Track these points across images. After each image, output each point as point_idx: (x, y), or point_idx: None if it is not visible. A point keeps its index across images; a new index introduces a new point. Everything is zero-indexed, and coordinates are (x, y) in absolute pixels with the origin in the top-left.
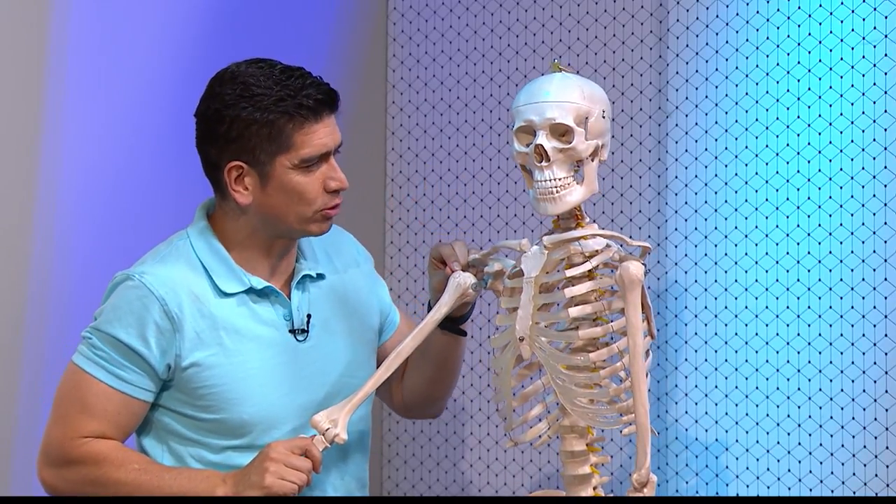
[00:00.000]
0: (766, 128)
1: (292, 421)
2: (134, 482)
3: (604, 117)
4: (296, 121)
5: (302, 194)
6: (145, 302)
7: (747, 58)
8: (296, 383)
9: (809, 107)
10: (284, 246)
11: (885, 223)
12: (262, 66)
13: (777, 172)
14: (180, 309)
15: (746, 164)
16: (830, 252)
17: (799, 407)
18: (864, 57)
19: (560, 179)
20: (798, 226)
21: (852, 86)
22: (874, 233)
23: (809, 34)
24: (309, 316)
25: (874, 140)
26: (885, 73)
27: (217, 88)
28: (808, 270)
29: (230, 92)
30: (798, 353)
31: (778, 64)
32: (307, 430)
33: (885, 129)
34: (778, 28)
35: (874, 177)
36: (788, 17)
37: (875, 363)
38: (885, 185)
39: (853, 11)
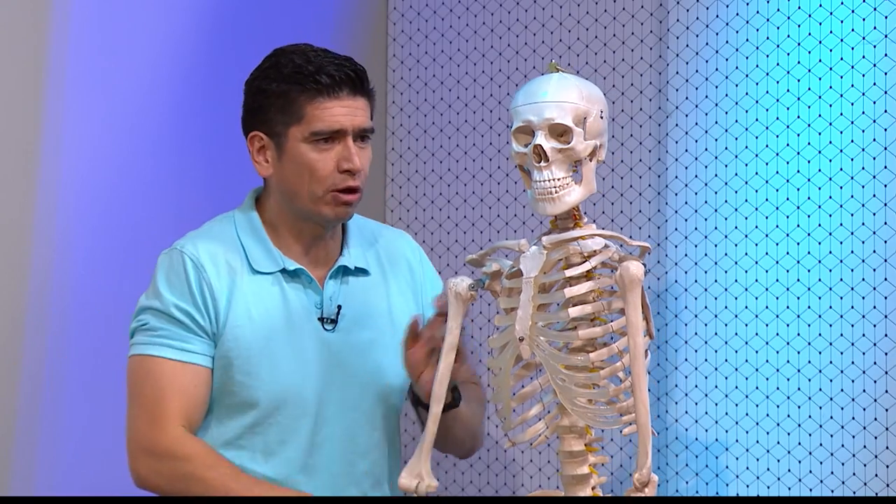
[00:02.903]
0: (766, 128)
1: (307, 407)
2: (222, 486)
3: (602, 117)
4: (308, 93)
5: (313, 170)
6: (187, 268)
7: (747, 58)
8: (316, 371)
9: (809, 107)
10: (313, 231)
11: (885, 223)
12: (306, 47)
13: (777, 172)
14: (218, 278)
15: (746, 164)
16: (830, 252)
17: (799, 407)
18: (864, 57)
19: (559, 179)
20: (798, 226)
21: (852, 86)
22: (874, 233)
23: (809, 34)
24: (339, 307)
25: (874, 140)
26: (885, 73)
27: (259, 64)
28: (808, 270)
29: (263, 66)
30: (798, 353)
31: (778, 64)
32: (324, 419)
33: (885, 129)
34: (778, 28)
35: (874, 177)
36: (788, 17)
37: (875, 363)
38: (885, 185)
39: (853, 11)
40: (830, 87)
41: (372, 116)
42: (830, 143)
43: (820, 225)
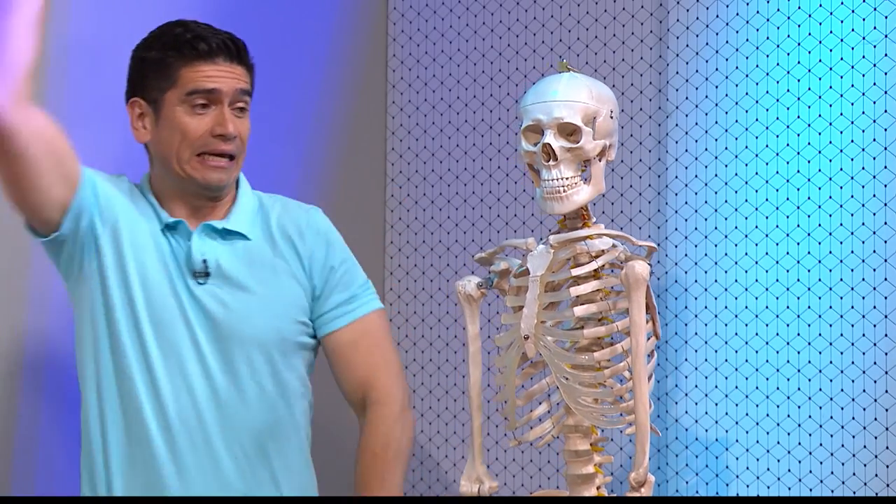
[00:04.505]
0: (766, 128)
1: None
2: None
3: (612, 117)
4: (185, 58)
5: (185, 133)
6: (104, 176)
7: (747, 58)
8: (182, 321)
9: (809, 107)
10: (194, 201)
11: (885, 223)
12: (190, 20)
13: (777, 172)
14: (121, 206)
15: (746, 164)
16: (830, 252)
17: (799, 407)
18: (864, 57)
19: (567, 179)
20: (798, 226)
21: (852, 86)
22: (874, 233)
23: (809, 34)
24: (205, 261)
25: (874, 140)
26: (885, 73)
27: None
28: (808, 270)
29: (146, 37)
30: (798, 353)
31: (778, 64)
32: (202, 370)
33: (885, 129)
34: (778, 28)
35: (874, 177)
36: (788, 17)
37: (875, 363)
38: (885, 185)
39: (853, 11)
40: (830, 87)
41: (252, 87)
42: (830, 143)
43: (820, 225)
